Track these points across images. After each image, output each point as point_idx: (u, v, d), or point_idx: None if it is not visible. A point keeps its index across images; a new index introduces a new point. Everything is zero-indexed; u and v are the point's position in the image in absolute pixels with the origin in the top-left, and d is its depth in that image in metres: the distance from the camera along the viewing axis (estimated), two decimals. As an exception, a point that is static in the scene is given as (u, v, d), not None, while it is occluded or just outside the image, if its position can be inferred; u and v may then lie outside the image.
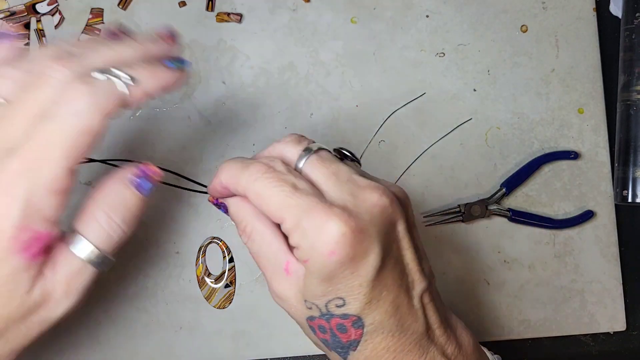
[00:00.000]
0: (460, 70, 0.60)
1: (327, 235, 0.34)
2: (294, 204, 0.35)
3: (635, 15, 0.56)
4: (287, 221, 0.36)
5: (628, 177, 0.56)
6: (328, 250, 0.34)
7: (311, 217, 0.35)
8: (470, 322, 0.59)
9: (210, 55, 0.58)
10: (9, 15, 0.57)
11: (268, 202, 0.36)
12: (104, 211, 0.36)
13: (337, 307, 0.36)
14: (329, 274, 0.35)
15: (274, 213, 0.36)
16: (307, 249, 0.35)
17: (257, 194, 0.36)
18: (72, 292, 0.36)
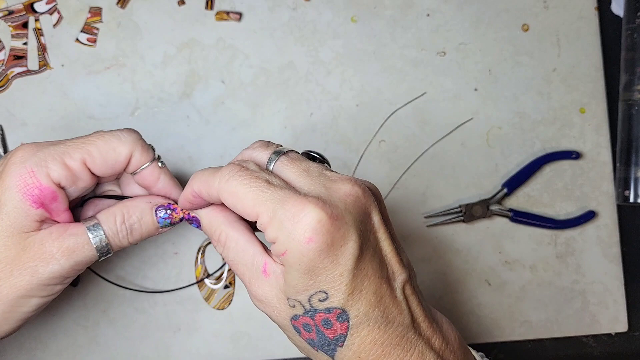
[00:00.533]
0: (461, 69, 0.59)
1: (303, 223, 0.35)
2: (269, 198, 0.36)
3: (636, 15, 0.56)
4: (262, 215, 0.36)
5: (630, 177, 0.56)
6: (306, 237, 0.35)
7: (287, 207, 0.35)
8: (471, 323, 0.58)
9: (210, 54, 0.58)
10: (7, 14, 0.57)
11: (243, 198, 0.36)
12: (123, 213, 0.42)
13: (320, 301, 0.36)
14: (308, 264, 0.35)
15: (249, 209, 0.36)
16: (284, 240, 0.35)
17: (231, 193, 0.37)
18: (69, 256, 0.40)
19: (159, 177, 0.43)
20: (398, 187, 0.58)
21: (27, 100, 0.56)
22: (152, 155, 0.43)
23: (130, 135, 0.42)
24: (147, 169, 0.43)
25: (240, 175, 0.37)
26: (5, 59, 0.56)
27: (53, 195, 0.39)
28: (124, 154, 0.41)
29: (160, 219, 0.43)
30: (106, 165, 0.41)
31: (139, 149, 0.42)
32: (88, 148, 0.41)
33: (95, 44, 0.57)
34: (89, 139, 0.41)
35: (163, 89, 0.57)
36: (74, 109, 0.57)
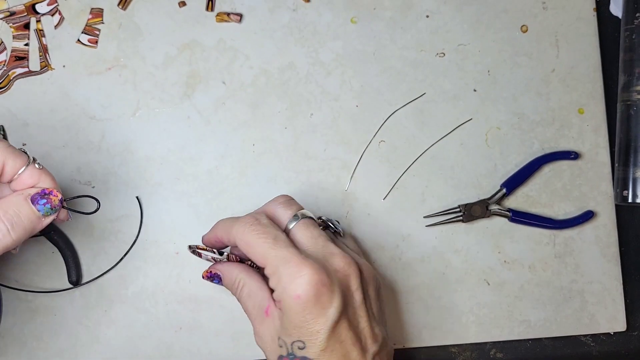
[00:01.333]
0: (461, 70, 0.60)
1: (297, 282, 0.42)
2: (274, 255, 0.43)
3: (635, 16, 0.56)
4: (267, 267, 0.44)
5: (628, 177, 0.56)
6: (295, 294, 0.42)
7: (287, 266, 0.43)
8: (470, 322, 0.59)
9: (210, 55, 0.58)
10: (9, 15, 0.57)
11: (254, 250, 0.44)
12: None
13: (299, 349, 0.43)
14: (294, 315, 0.43)
15: (259, 259, 0.44)
16: (280, 292, 0.43)
17: (245, 242, 0.45)
18: None
19: (39, 178, 0.43)
20: (397, 187, 0.59)
21: (28, 101, 0.56)
22: (27, 159, 0.42)
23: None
24: (25, 174, 0.42)
25: (253, 229, 0.45)
26: (6, 59, 0.57)
27: None
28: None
29: (39, 206, 0.42)
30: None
31: (10, 156, 0.41)
32: None
33: (96, 45, 0.57)
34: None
35: (164, 90, 0.57)
36: (75, 110, 0.57)
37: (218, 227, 0.49)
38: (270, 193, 0.57)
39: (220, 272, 0.50)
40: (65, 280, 0.56)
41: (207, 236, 0.50)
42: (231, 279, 0.48)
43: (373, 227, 0.58)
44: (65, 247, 0.55)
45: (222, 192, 0.57)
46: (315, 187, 0.58)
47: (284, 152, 0.58)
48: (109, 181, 0.57)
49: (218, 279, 0.50)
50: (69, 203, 0.46)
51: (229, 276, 0.49)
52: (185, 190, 0.57)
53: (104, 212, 0.56)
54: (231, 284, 0.49)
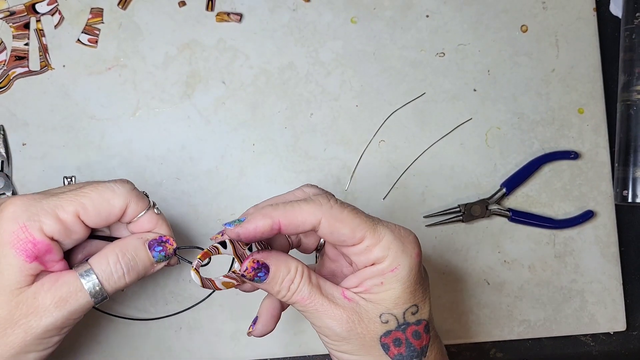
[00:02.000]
0: (460, 70, 0.60)
1: (411, 241, 0.41)
2: (374, 223, 0.40)
3: (635, 15, 0.56)
4: (369, 238, 0.40)
5: (628, 177, 0.56)
6: (415, 252, 0.41)
7: (395, 231, 0.41)
8: (470, 322, 0.59)
9: (210, 55, 0.58)
10: (9, 15, 0.57)
11: (350, 223, 0.40)
12: (116, 253, 0.41)
13: (412, 314, 0.41)
14: (415, 276, 0.41)
15: (357, 232, 0.40)
16: (397, 256, 0.40)
17: (338, 219, 0.40)
18: (62, 307, 0.39)
19: (157, 224, 0.43)
20: (397, 187, 0.59)
21: (28, 101, 0.56)
22: (148, 203, 0.42)
23: (123, 187, 0.41)
24: (144, 218, 0.42)
25: (342, 204, 0.41)
26: (6, 59, 0.57)
27: (47, 248, 0.39)
28: (119, 206, 0.41)
29: (155, 253, 0.42)
30: (100, 217, 0.40)
31: (134, 199, 0.41)
32: (82, 201, 0.40)
33: (96, 45, 0.57)
34: (82, 190, 0.40)
35: (164, 90, 0.57)
36: (75, 110, 0.57)
37: (278, 210, 0.40)
38: (270, 193, 0.57)
39: (270, 262, 0.41)
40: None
41: (257, 225, 0.39)
42: (286, 270, 0.41)
43: (373, 227, 0.58)
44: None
45: (222, 192, 0.57)
46: (315, 187, 0.58)
47: (284, 152, 0.58)
48: (109, 181, 0.57)
49: (265, 271, 0.40)
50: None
51: (285, 265, 0.41)
52: (185, 190, 0.57)
53: (104, 212, 0.56)
54: (285, 277, 0.41)
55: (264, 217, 0.39)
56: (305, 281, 0.41)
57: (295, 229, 0.40)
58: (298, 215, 0.40)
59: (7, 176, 0.56)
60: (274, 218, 0.39)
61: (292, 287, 0.41)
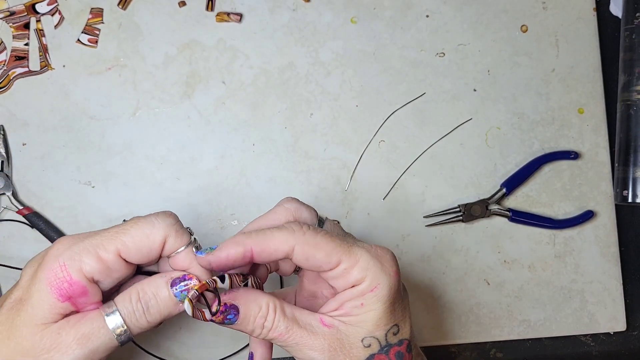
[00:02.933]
0: (460, 70, 0.60)
1: (389, 260, 0.41)
2: (349, 245, 0.40)
3: (635, 15, 0.56)
4: (345, 261, 0.39)
5: (628, 177, 0.56)
6: (393, 270, 0.40)
7: (372, 252, 0.40)
8: (470, 322, 0.59)
9: (210, 55, 0.58)
10: (9, 15, 0.57)
11: (324, 250, 0.39)
12: (137, 291, 0.40)
13: (393, 335, 0.41)
14: (394, 295, 0.40)
15: (333, 257, 0.39)
16: (375, 276, 0.40)
17: (312, 244, 0.39)
18: (84, 344, 0.38)
19: (191, 264, 0.41)
20: (397, 187, 0.59)
21: (28, 101, 0.56)
22: (187, 239, 0.41)
23: (164, 221, 0.40)
24: (181, 254, 0.40)
25: (315, 230, 0.40)
26: (6, 59, 0.57)
27: (83, 290, 0.38)
28: (158, 240, 0.39)
29: (177, 292, 0.40)
30: (141, 254, 0.39)
31: (173, 233, 0.40)
32: (122, 238, 0.39)
33: (96, 45, 0.57)
34: (123, 227, 0.40)
35: (164, 90, 0.57)
36: (75, 110, 0.57)
37: (251, 239, 0.39)
38: (270, 193, 0.57)
39: (239, 303, 0.40)
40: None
41: (229, 253, 0.39)
42: (256, 308, 0.40)
43: (373, 227, 0.58)
44: (65, 247, 0.55)
45: (222, 192, 0.57)
46: (315, 187, 0.58)
47: (284, 152, 0.58)
48: (109, 181, 0.57)
49: (234, 312, 0.39)
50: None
51: (255, 302, 0.40)
52: (185, 190, 0.57)
53: (104, 212, 0.56)
54: (256, 315, 0.40)
55: (236, 245, 0.39)
56: (279, 316, 0.40)
57: (269, 257, 0.39)
58: (270, 243, 0.39)
59: (7, 176, 0.56)
60: (245, 246, 0.39)
61: (267, 324, 0.39)
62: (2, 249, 0.56)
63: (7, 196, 0.55)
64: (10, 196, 0.55)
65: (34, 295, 0.38)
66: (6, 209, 0.56)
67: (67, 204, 0.56)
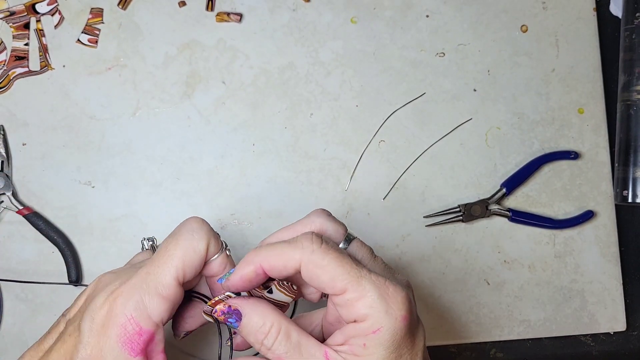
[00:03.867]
0: (460, 70, 0.60)
1: (399, 301, 0.37)
2: (360, 275, 0.37)
3: (635, 15, 0.56)
4: (351, 291, 0.37)
5: (628, 177, 0.56)
6: (401, 315, 0.36)
7: (384, 288, 0.37)
8: (470, 322, 0.59)
9: (210, 55, 0.58)
10: (9, 15, 0.57)
11: (331, 272, 0.37)
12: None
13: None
14: (400, 341, 0.37)
15: (338, 283, 0.37)
16: (380, 316, 0.36)
17: (318, 265, 0.37)
18: None
19: (226, 267, 0.41)
20: (397, 187, 0.59)
21: (28, 101, 0.56)
22: (221, 245, 0.41)
23: (201, 229, 0.39)
24: (217, 260, 0.40)
25: (327, 251, 0.37)
26: (6, 59, 0.57)
27: (151, 337, 0.38)
28: (203, 250, 0.39)
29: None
30: (195, 270, 0.39)
31: (213, 240, 0.40)
32: (175, 265, 0.38)
33: (96, 45, 0.57)
34: (168, 253, 0.38)
35: (164, 90, 0.57)
36: (75, 110, 0.57)
37: (261, 255, 0.38)
38: (270, 193, 0.57)
39: (243, 310, 0.39)
40: (65, 280, 0.56)
41: (242, 273, 0.38)
42: (262, 319, 0.38)
43: (373, 227, 0.58)
44: (65, 247, 0.55)
45: (222, 192, 0.57)
46: (315, 187, 0.58)
47: (284, 152, 0.58)
48: (109, 181, 0.57)
49: (236, 318, 0.39)
50: None
51: (259, 316, 0.38)
52: (185, 190, 0.57)
53: (104, 212, 0.56)
54: (259, 327, 0.38)
55: (247, 264, 0.38)
56: (282, 339, 0.38)
57: (279, 273, 0.38)
58: (279, 259, 0.38)
59: (7, 176, 0.56)
60: (255, 263, 0.38)
61: (266, 342, 0.38)
62: (2, 249, 0.56)
63: (7, 196, 0.55)
64: (10, 196, 0.55)
65: (106, 356, 0.37)
66: (6, 209, 0.56)
67: (67, 204, 0.56)
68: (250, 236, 0.57)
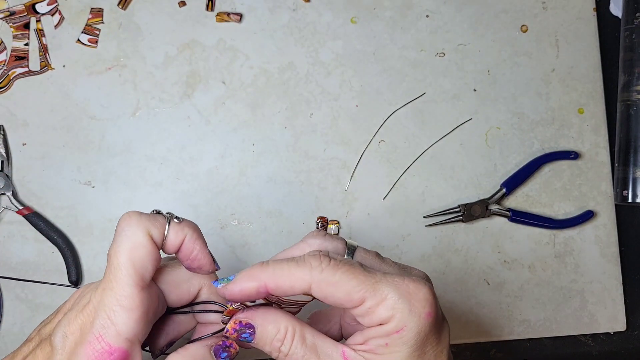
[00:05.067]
0: (460, 70, 0.60)
1: (421, 298, 0.36)
2: (376, 281, 0.36)
3: (635, 15, 0.56)
4: (370, 298, 0.36)
5: (628, 177, 0.56)
6: (425, 312, 0.36)
7: (402, 288, 0.36)
8: (470, 321, 0.59)
9: (210, 55, 0.58)
10: (9, 15, 0.57)
11: (345, 286, 0.36)
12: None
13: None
14: (424, 339, 0.36)
15: (354, 295, 0.36)
16: (403, 316, 0.36)
17: (330, 283, 0.36)
18: None
19: (184, 232, 0.39)
20: (397, 187, 0.59)
21: (28, 101, 0.56)
22: (164, 219, 0.38)
23: (131, 222, 0.37)
24: (170, 234, 0.38)
25: (336, 265, 0.36)
26: (6, 59, 0.57)
27: (124, 355, 0.36)
28: (144, 240, 0.37)
29: (219, 357, 0.38)
30: (151, 264, 0.37)
31: (150, 224, 0.37)
32: (126, 272, 0.36)
33: (96, 45, 0.57)
34: (114, 263, 0.37)
35: (164, 90, 0.57)
36: (75, 110, 0.57)
37: (266, 273, 0.37)
38: (270, 193, 0.57)
39: (255, 322, 0.38)
40: (65, 280, 0.56)
41: (243, 288, 0.37)
42: (276, 327, 0.38)
43: (373, 227, 0.58)
44: (65, 247, 0.55)
45: (222, 192, 0.57)
46: (315, 187, 0.58)
47: (284, 152, 0.58)
48: (109, 181, 0.57)
49: (250, 331, 0.38)
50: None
51: (274, 323, 0.38)
52: (185, 190, 0.57)
53: (104, 212, 0.56)
54: (274, 335, 0.37)
55: (250, 279, 0.37)
56: (297, 342, 0.37)
57: (284, 294, 0.37)
58: (286, 279, 0.36)
59: (7, 176, 0.56)
60: (260, 281, 0.37)
61: (283, 348, 0.37)
62: (2, 248, 0.56)
63: (7, 196, 0.55)
64: (10, 196, 0.55)
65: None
66: (6, 209, 0.56)
67: (67, 204, 0.56)
68: (250, 236, 0.57)
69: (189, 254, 0.39)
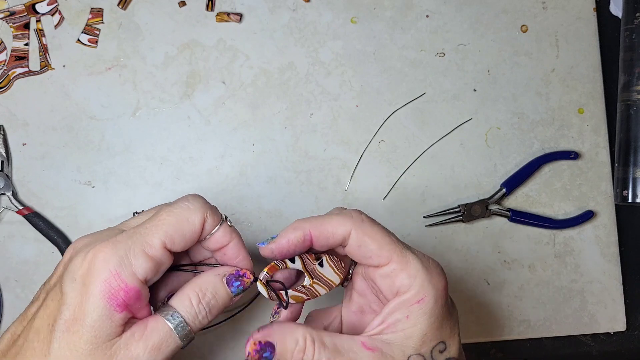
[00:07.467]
0: (460, 70, 0.60)
1: (439, 272, 0.39)
2: (404, 247, 0.40)
3: (635, 15, 0.56)
4: (396, 261, 0.39)
5: (628, 177, 0.56)
6: (442, 284, 0.39)
7: (423, 260, 0.39)
8: (471, 322, 0.59)
9: (210, 55, 0.58)
10: (9, 15, 0.57)
11: (379, 240, 0.39)
12: (197, 292, 0.40)
13: (440, 352, 0.39)
14: (441, 310, 0.39)
15: (384, 252, 0.39)
16: (423, 286, 0.39)
17: (368, 234, 0.40)
18: (156, 355, 0.37)
19: (231, 237, 0.41)
20: (397, 187, 0.59)
21: (28, 101, 0.56)
22: (220, 216, 0.41)
23: (197, 201, 0.40)
24: (219, 232, 0.40)
25: (374, 221, 0.40)
26: (6, 59, 0.57)
27: (137, 294, 0.37)
28: (198, 222, 0.39)
29: (233, 288, 0.40)
30: (185, 240, 0.39)
31: (209, 212, 0.40)
32: (164, 229, 0.38)
33: (96, 45, 0.57)
34: (159, 218, 0.39)
35: (164, 90, 0.57)
36: (75, 110, 0.57)
37: (309, 222, 0.40)
38: (270, 193, 0.57)
39: (273, 338, 0.38)
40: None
41: (289, 238, 0.40)
42: (293, 342, 0.38)
43: (373, 227, 0.58)
44: (65, 247, 0.55)
45: (222, 192, 0.57)
46: (315, 187, 0.58)
47: (284, 152, 0.58)
48: (109, 181, 0.57)
49: (270, 350, 0.38)
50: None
51: (290, 339, 0.38)
52: (185, 190, 0.57)
53: (104, 212, 0.56)
54: (293, 350, 0.38)
55: (295, 229, 0.40)
56: (319, 348, 0.38)
57: (326, 241, 0.40)
58: (328, 226, 0.40)
59: (7, 176, 0.56)
60: (304, 229, 0.40)
61: (307, 358, 0.38)
62: (2, 248, 0.56)
63: (7, 196, 0.56)
64: (10, 196, 0.55)
65: (90, 313, 0.36)
66: (6, 209, 0.56)
67: (67, 204, 0.56)
68: (250, 236, 0.57)
69: (233, 257, 0.41)
